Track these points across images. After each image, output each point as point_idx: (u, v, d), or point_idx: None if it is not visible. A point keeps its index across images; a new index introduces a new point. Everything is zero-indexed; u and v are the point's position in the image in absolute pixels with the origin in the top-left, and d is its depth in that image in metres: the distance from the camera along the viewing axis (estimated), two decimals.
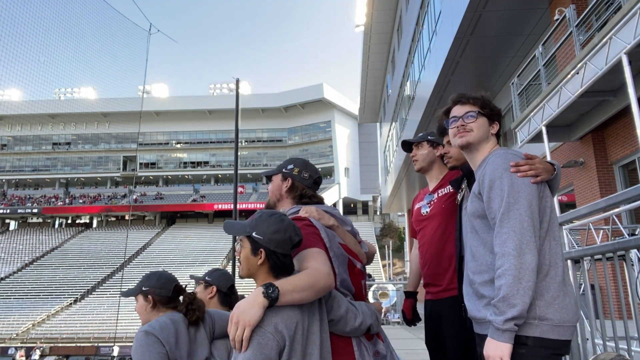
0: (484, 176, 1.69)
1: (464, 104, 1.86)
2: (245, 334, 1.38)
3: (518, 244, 1.52)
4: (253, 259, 1.55)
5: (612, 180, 8.78)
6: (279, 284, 1.45)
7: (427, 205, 2.56)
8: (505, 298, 1.50)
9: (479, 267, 1.69)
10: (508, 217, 1.57)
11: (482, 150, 1.83)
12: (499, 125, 1.88)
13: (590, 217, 3.90)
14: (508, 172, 1.63)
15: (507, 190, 1.60)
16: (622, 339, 2.54)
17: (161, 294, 2.21)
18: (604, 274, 2.48)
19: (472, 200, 1.76)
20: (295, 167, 2.05)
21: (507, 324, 1.50)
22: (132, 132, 53.52)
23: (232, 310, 1.44)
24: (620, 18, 5.95)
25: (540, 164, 1.65)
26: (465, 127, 1.82)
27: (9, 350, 29.50)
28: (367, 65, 24.98)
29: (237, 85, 11.13)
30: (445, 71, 12.03)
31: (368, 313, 1.76)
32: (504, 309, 1.50)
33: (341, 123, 55.30)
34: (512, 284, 1.50)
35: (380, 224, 54.54)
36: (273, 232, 1.54)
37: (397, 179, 22.39)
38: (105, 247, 45.62)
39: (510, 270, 1.51)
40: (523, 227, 1.54)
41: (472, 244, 1.76)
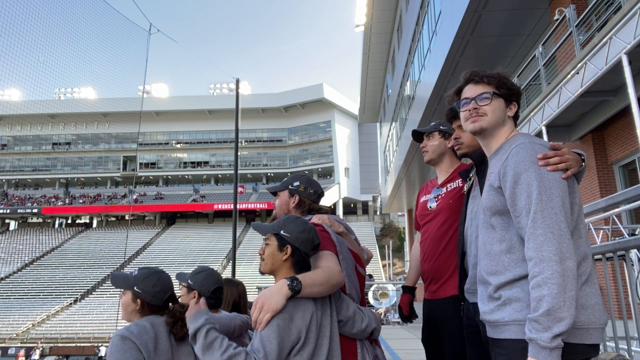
0: (506, 168, 1.50)
1: (478, 83, 1.66)
2: (266, 317, 1.57)
3: (558, 248, 1.35)
4: (279, 254, 1.74)
5: (612, 180, 8.78)
6: (300, 277, 1.64)
7: (435, 200, 2.48)
8: (550, 311, 1.30)
9: (494, 267, 1.53)
10: (543, 216, 1.39)
11: (497, 135, 1.65)
12: (518, 105, 1.68)
13: (590, 217, 3.90)
14: (536, 165, 1.45)
15: (536, 186, 1.42)
16: (622, 339, 2.54)
17: (152, 302, 2.08)
18: (604, 274, 2.48)
19: (490, 193, 1.57)
20: (301, 184, 2.23)
21: (556, 341, 1.30)
22: (132, 132, 53.51)
23: (257, 297, 1.64)
24: (620, 18, 5.95)
25: (569, 154, 1.48)
26: (478, 111, 1.63)
27: (9, 350, 29.50)
28: (367, 65, 24.98)
29: (237, 85, 11.13)
30: (445, 71, 12.03)
31: (373, 318, 1.90)
32: (550, 324, 1.30)
33: (341, 123, 55.29)
34: (557, 295, 1.31)
35: (380, 224, 54.54)
36: (299, 231, 1.75)
37: (397, 179, 22.39)
38: (105, 247, 45.61)
39: (553, 278, 1.32)
40: (561, 228, 1.38)
41: (486, 240, 1.59)
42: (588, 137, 9.07)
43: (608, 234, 4.46)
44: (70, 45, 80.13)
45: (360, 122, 39.20)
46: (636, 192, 2.21)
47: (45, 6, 49.06)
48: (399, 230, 50.77)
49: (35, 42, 53.93)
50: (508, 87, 1.64)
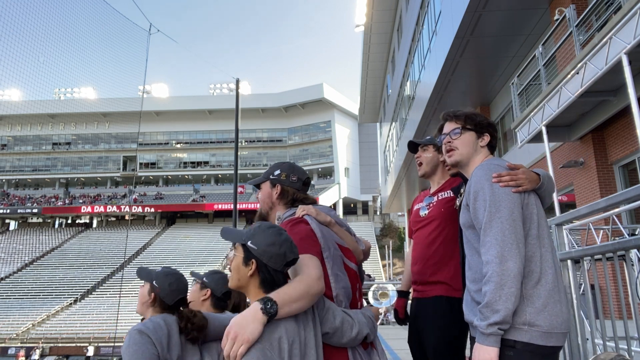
0: (469, 187, 1.74)
1: (450, 121, 1.94)
2: (241, 350, 1.34)
3: (500, 252, 1.57)
4: (244, 269, 1.53)
5: (612, 180, 8.77)
6: (275, 296, 1.42)
7: (426, 208, 2.58)
8: (488, 304, 1.55)
9: (473, 275, 1.73)
10: (490, 225, 1.62)
11: (472, 164, 1.89)
12: (490, 136, 1.91)
13: (590, 217, 3.90)
14: (489, 182, 1.67)
15: (489, 200, 1.65)
16: (622, 339, 2.54)
17: (164, 299, 2.17)
18: (604, 274, 2.48)
19: (463, 211, 1.81)
20: (282, 171, 2.03)
21: (491, 328, 1.54)
22: (132, 132, 53.51)
23: (228, 326, 1.40)
24: (620, 18, 5.95)
25: (523, 174, 1.68)
26: (451, 145, 1.90)
27: (9, 350, 29.49)
28: (367, 65, 24.98)
29: (237, 85, 11.13)
30: (445, 71, 12.03)
31: (364, 322, 1.72)
32: (488, 314, 1.55)
33: (341, 123, 55.29)
34: (494, 291, 1.54)
35: (380, 224, 54.53)
36: (268, 244, 1.50)
37: (397, 179, 22.39)
38: (105, 247, 45.61)
39: (493, 277, 1.56)
40: (504, 234, 1.59)
41: (467, 253, 1.80)
42: (588, 137, 9.07)
43: (608, 234, 4.46)
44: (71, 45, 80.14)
45: (360, 122, 39.20)
46: (636, 192, 2.21)
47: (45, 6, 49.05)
48: (399, 230, 50.76)
49: (36, 42, 53.94)
50: (476, 122, 1.91)
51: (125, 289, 34.64)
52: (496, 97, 13.93)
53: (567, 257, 2.91)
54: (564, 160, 9.66)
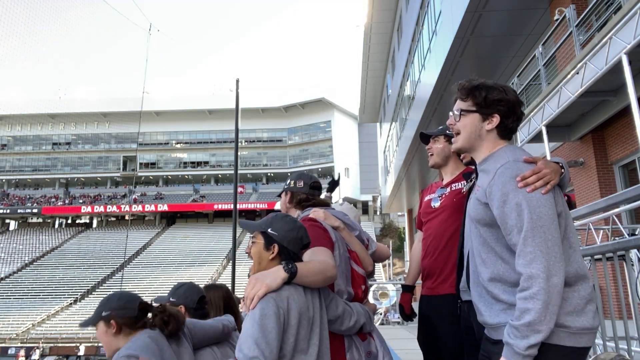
0: (492, 188, 1.56)
1: (459, 97, 1.72)
2: (260, 292, 1.50)
3: (546, 266, 1.44)
4: (265, 253, 1.67)
5: (612, 180, 8.77)
6: (296, 264, 1.60)
7: (438, 199, 2.52)
8: (531, 324, 1.41)
9: (491, 274, 1.60)
10: (533, 235, 1.46)
11: (479, 149, 1.69)
12: (502, 116, 1.64)
13: (590, 217, 3.90)
14: (518, 186, 1.51)
15: (525, 206, 1.48)
16: (622, 339, 2.54)
17: (125, 315, 1.97)
18: (604, 274, 2.48)
19: (477, 207, 1.63)
20: (291, 180, 2.35)
21: (530, 351, 1.42)
22: (132, 132, 53.49)
23: (252, 275, 1.59)
24: (620, 18, 5.95)
25: (546, 168, 1.54)
26: (453, 127, 1.72)
27: (9, 350, 29.49)
28: (367, 65, 24.97)
29: (237, 85, 11.12)
30: (445, 71, 12.02)
31: (362, 312, 1.87)
32: (528, 334, 1.42)
33: (341, 123, 55.27)
34: (541, 310, 1.41)
35: (380, 224, 54.51)
36: (287, 230, 1.68)
37: (397, 179, 22.39)
38: (105, 247, 45.61)
39: (539, 294, 1.42)
40: (548, 246, 1.45)
41: (481, 250, 1.65)
42: (588, 137, 9.07)
43: (608, 234, 4.46)
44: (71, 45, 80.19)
45: (360, 122, 39.19)
46: (636, 192, 2.21)
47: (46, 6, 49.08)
48: (399, 230, 50.74)
49: (36, 42, 53.95)
50: (481, 100, 1.64)
51: (125, 289, 34.58)
52: None
53: None
54: (564, 160, 9.66)
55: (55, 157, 57.39)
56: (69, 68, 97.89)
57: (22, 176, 57.67)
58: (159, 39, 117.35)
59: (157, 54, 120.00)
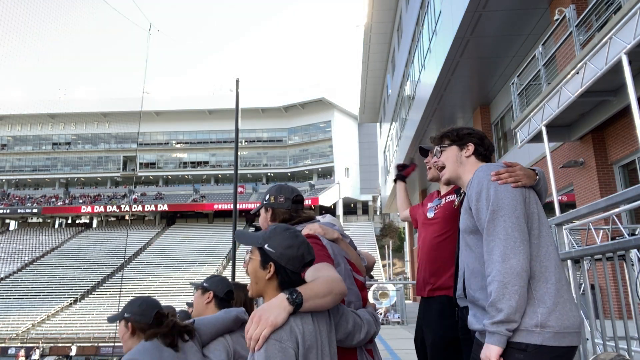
0: (471, 190, 1.73)
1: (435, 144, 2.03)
2: (265, 332, 1.36)
3: (502, 250, 1.55)
4: (261, 272, 1.50)
5: (612, 180, 8.77)
6: (300, 289, 1.43)
7: (433, 210, 2.63)
8: (492, 303, 1.54)
9: (478, 282, 1.70)
10: (493, 224, 1.60)
11: (464, 175, 1.92)
12: (475, 144, 1.93)
13: (590, 217, 3.90)
14: (490, 181, 1.68)
15: (491, 199, 1.63)
16: (622, 339, 2.54)
17: (141, 321, 2.14)
18: (604, 274, 2.48)
19: (464, 216, 1.79)
20: (271, 195, 2.11)
21: (494, 327, 1.53)
22: (132, 132, 53.51)
23: (254, 311, 1.42)
24: (620, 18, 5.95)
25: (520, 170, 1.68)
26: (438, 164, 1.99)
27: (9, 350, 29.49)
28: (367, 65, 24.98)
29: (237, 85, 11.12)
30: (445, 71, 12.03)
31: (372, 321, 1.77)
32: (493, 313, 1.54)
33: (341, 123, 55.26)
34: (498, 289, 1.53)
35: (380, 224, 54.51)
36: (286, 247, 1.49)
37: None
38: (105, 247, 45.60)
39: (496, 276, 1.54)
40: (507, 232, 1.57)
41: (468, 261, 1.77)
42: (588, 137, 9.07)
43: (608, 234, 4.46)
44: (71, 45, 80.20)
45: (360, 122, 39.20)
46: (636, 192, 2.21)
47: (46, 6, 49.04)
48: (399, 230, 50.74)
49: (36, 42, 53.96)
50: (454, 135, 1.96)
51: (125, 289, 34.61)
52: (496, 97, 13.92)
53: (567, 257, 2.91)
54: (564, 160, 9.66)
55: (55, 157, 57.39)
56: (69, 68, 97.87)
57: (22, 176, 57.67)
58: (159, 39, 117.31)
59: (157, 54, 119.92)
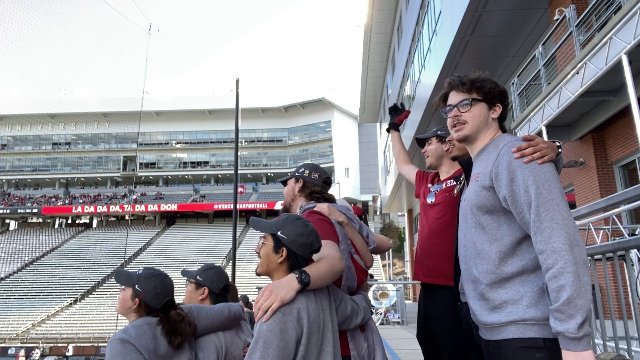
0: (498, 169, 1.54)
1: (459, 90, 1.73)
2: (274, 306, 1.50)
3: (566, 237, 1.37)
4: (274, 256, 1.65)
5: (612, 180, 8.77)
6: (308, 270, 1.59)
7: (433, 195, 2.61)
8: (571, 300, 1.32)
9: (485, 265, 1.57)
10: (546, 209, 1.41)
11: (481, 138, 1.71)
12: (503, 106, 1.73)
13: (590, 217, 3.90)
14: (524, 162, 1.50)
15: (533, 181, 1.45)
16: (622, 339, 2.54)
17: (150, 303, 2.07)
18: (604, 274, 2.48)
19: (479, 193, 1.60)
20: (306, 169, 2.33)
21: (582, 329, 1.32)
22: (132, 132, 53.52)
23: (265, 287, 1.56)
24: (620, 18, 5.95)
25: (543, 143, 1.54)
26: (459, 119, 1.71)
27: (9, 350, 29.48)
28: (367, 65, 24.97)
29: (237, 85, 11.12)
30: (445, 71, 12.02)
31: (367, 308, 1.90)
32: (573, 312, 1.32)
33: (341, 123, 55.25)
34: (574, 283, 1.32)
35: (380, 224, 54.51)
36: (297, 234, 1.64)
37: (397, 179, 22.39)
38: (105, 247, 45.59)
39: (567, 267, 1.34)
40: (564, 217, 1.40)
41: (477, 240, 1.61)
42: (588, 137, 9.07)
43: (608, 234, 4.46)
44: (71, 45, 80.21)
45: (360, 122, 39.17)
46: (636, 192, 2.21)
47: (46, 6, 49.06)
48: (399, 230, 50.75)
49: (36, 42, 53.95)
50: (487, 91, 1.70)
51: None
52: None
53: None
54: (564, 160, 9.67)
55: (55, 157, 57.38)
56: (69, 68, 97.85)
57: (22, 176, 57.65)
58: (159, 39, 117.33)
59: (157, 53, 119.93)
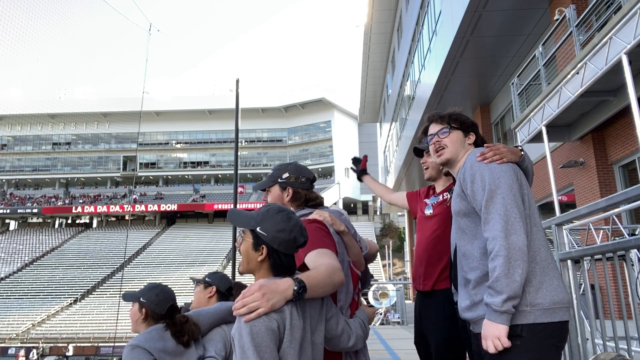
0: (464, 174, 1.77)
1: (436, 123, 2.02)
2: (260, 310, 1.34)
3: (504, 226, 1.57)
4: (253, 254, 1.50)
5: (612, 180, 8.77)
6: (305, 279, 1.43)
7: (431, 207, 2.65)
8: (498, 278, 1.53)
9: (470, 264, 1.73)
10: (493, 202, 1.63)
11: (460, 161, 1.94)
12: (476, 135, 1.99)
13: (590, 217, 3.90)
14: (482, 163, 1.72)
15: (487, 179, 1.67)
16: (622, 339, 2.54)
17: (155, 310, 2.25)
18: (604, 274, 2.48)
19: (455, 200, 1.82)
20: (291, 174, 2.01)
21: (505, 305, 1.52)
22: (132, 132, 53.53)
23: (259, 282, 1.41)
24: (620, 18, 5.94)
25: (503, 147, 1.74)
26: (440, 143, 1.96)
27: (9, 350, 29.49)
28: (367, 65, 24.97)
29: (237, 85, 11.11)
30: (445, 71, 12.02)
31: (361, 336, 1.73)
32: (500, 289, 1.53)
33: (341, 123, 55.28)
34: (504, 264, 1.53)
35: (380, 224, 54.52)
36: (278, 230, 1.48)
37: (397, 179, 22.38)
38: (105, 247, 45.60)
39: (500, 251, 1.55)
40: (507, 209, 1.60)
41: (460, 244, 1.81)
42: (588, 137, 9.07)
43: (608, 234, 4.45)
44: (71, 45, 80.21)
45: (360, 122, 39.17)
46: (636, 192, 2.21)
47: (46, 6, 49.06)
48: (399, 230, 50.76)
49: (36, 42, 53.95)
50: (461, 121, 1.99)
51: (125, 289, 34.59)
52: (496, 97, 13.92)
53: (567, 257, 2.91)
54: (564, 160, 9.66)
55: (55, 157, 57.40)
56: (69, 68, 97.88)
57: (22, 176, 57.66)
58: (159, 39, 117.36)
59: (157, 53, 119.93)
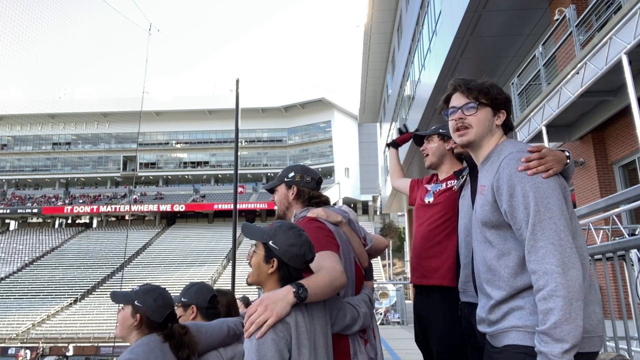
0: (498, 182, 1.48)
1: (461, 93, 1.68)
2: (269, 322, 1.42)
3: (560, 259, 1.32)
4: (264, 266, 1.57)
5: (612, 180, 8.77)
6: (305, 283, 1.51)
7: (432, 194, 2.55)
8: (558, 325, 1.28)
9: (496, 282, 1.51)
10: (542, 228, 1.36)
11: (485, 145, 1.64)
12: (507, 113, 1.66)
13: (590, 217, 3.90)
14: (526, 174, 1.44)
15: (532, 197, 1.39)
16: (622, 339, 2.54)
17: (151, 318, 2.01)
18: (604, 274, 2.48)
19: (484, 208, 1.54)
20: (296, 173, 2.13)
21: (566, 355, 1.28)
22: (132, 132, 53.51)
23: (259, 298, 1.48)
24: (620, 18, 5.95)
25: (550, 155, 1.47)
26: (464, 122, 1.64)
27: (9, 350, 29.48)
28: (367, 65, 24.97)
29: (237, 85, 11.10)
30: (445, 71, 12.02)
31: (367, 313, 1.82)
32: (561, 337, 1.28)
33: (341, 123, 55.25)
34: (564, 307, 1.28)
35: (380, 224, 54.49)
36: (289, 244, 1.56)
37: None
38: (105, 247, 45.59)
39: (558, 290, 1.30)
40: (561, 238, 1.35)
41: (486, 255, 1.56)
42: (588, 137, 9.07)
43: (608, 234, 4.46)
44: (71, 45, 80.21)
45: (360, 122, 39.17)
46: (636, 192, 2.21)
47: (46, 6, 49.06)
48: (399, 230, 50.75)
49: (36, 42, 53.95)
50: (493, 97, 1.64)
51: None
52: None
53: None
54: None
55: (55, 157, 57.38)
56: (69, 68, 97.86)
57: (22, 176, 57.65)
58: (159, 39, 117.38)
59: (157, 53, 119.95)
